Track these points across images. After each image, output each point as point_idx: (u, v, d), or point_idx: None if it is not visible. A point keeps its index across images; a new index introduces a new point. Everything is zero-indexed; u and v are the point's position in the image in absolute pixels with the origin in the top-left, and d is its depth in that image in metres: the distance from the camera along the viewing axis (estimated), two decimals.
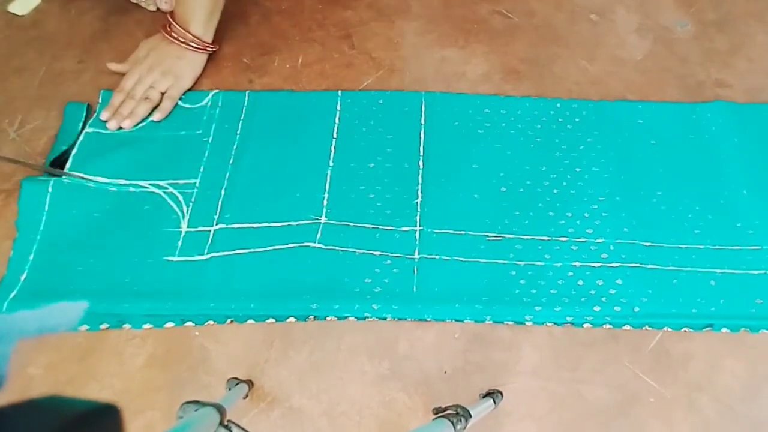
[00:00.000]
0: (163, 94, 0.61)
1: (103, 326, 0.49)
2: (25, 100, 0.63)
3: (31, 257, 0.52)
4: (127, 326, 0.49)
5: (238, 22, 0.70)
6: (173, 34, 0.61)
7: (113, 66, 0.63)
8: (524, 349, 0.48)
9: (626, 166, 0.57)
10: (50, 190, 0.54)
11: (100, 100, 0.62)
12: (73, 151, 0.58)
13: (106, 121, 0.60)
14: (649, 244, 0.52)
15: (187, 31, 0.61)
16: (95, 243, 0.53)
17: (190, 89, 0.63)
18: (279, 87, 0.64)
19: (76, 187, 0.55)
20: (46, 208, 0.54)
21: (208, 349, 0.48)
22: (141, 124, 0.60)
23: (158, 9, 0.71)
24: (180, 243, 0.52)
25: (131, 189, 0.56)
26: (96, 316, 0.49)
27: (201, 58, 0.64)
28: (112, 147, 0.58)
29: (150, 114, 0.61)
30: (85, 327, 0.49)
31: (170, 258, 0.52)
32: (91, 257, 0.52)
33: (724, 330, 0.48)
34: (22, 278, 0.51)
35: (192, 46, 0.62)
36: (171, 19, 0.62)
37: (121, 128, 0.59)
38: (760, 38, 0.68)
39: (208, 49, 0.64)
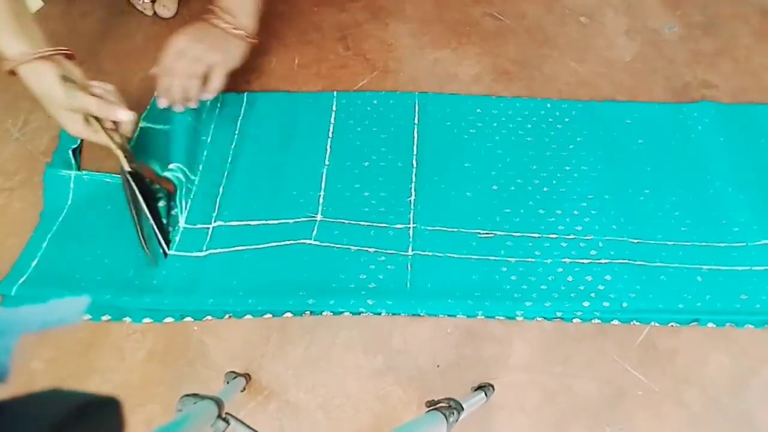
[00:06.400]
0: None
1: (105, 317, 0.50)
2: (28, 100, 0.63)
3: (45, 245, 0.53)
4: (127, 319, 0.50)
5: None
6: (217, 20, 0.57)
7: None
8: (515, 343, 0.49)
9: (615, 165, 0.58)
10: (72, 185, 0.56)
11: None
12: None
13: (166, 108, 0.56)
14: (637, 241, 0.53)
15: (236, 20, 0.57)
16: (104, 235, 0.54)
17: None
18: (276, 88, 0.65)
19: (95, 183, 0.56)
20: (69, 201, 0.56)
21: (207, 344, 0.49)
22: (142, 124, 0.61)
23: (155, 14, 0.71)
24: (178, 238, 0.53)
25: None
26: (99, 307, 0.50)
27: (244, 48, 0.59)
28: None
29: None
30: (87, 317, 0.49)
31: (170, 253, 0.53)
32: (98, 249, 0.53)
33: (710, 325, 0.50)
34: (33, 264, 0.52)
35: (237, 32, 0.57)
36: (217, 8, 0.57)
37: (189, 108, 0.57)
38: (745, 40, 0.69)
39: (249, 39, 0.59)
